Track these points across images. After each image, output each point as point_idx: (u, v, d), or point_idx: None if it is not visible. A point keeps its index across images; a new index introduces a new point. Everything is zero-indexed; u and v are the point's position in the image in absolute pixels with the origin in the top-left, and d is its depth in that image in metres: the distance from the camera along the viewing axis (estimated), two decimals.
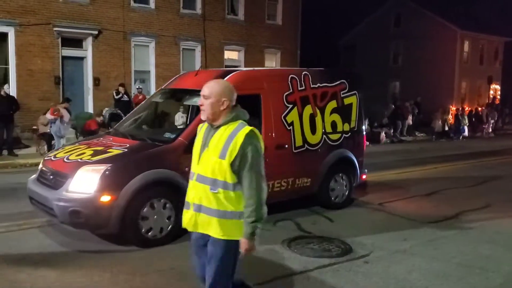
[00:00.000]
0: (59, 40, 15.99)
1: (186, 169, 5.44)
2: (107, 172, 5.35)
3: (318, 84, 7.27)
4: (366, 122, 20.40)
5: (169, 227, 5.65)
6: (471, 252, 5.63)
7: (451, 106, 26.94)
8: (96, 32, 16.74)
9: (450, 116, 23.58)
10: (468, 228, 6.65)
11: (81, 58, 16.96)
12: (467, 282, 4.71)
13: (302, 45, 23.82)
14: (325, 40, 36.16)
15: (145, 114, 7.68)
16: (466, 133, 22.53)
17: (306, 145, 7.05)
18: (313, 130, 7.14)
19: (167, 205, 5.64)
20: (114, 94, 16.09)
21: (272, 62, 22.70)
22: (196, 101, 6.51)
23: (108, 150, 5.80)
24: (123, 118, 14.77)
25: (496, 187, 9.90)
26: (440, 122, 22.08)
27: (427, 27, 31.80)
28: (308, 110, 7.08)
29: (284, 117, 6.81)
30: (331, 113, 7.40)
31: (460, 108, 25.60)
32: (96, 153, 5.75)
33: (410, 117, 22.15)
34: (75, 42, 16.69)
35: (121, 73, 17.49)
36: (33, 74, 15.48)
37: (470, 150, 16.89)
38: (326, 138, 7.32)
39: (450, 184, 9.93)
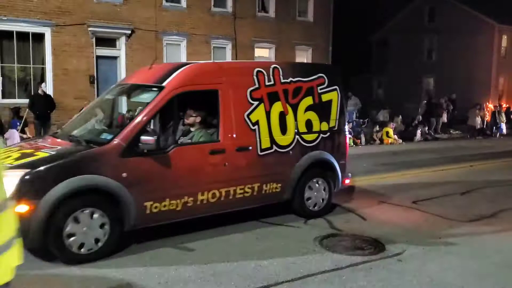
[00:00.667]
0: (94, 40, 16.34)
1: (124, 174, 5.04)
2: (25, 178, 4.64)
3: (291, 79, 6.54)
4: (400, 119, 20.13)
5: (106, 236, 4.99)
6: (509, 251, 5.46)
7: (487, 103, 26.18)
8: (129, 32, 17.03)
9: (486, 113, 22.94)
10: (506, 227, 6.45)
11: (115, 58, 17.29)
12: (505, 282, 4.57)
13: (334, 41, 23.59)
14: (357, 37, 35.68)
15: (93, 112, 7.03)
16: (504, 131, 21.86)
17: (274, 147, 6.31)
18: (283, 130, 6.40)
19: (95, 215, 4.93)
20: None
21: (303, 59, 22.54)
22: (143, 97, 5.89)
23: (35, 153, 5.14)
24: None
25: None
26: (477, 119, 21.49)
27: (462, 21, 30.93)
28: (277, 107, 6.35)
29: (248, 115, 6.08)
30: (305, 110, 6.66)
31: (498, 105, 24.84)
32: (22, 156, 5.10)
33: (444, 115, 21.64)
34: (109, 42, 17.03)
35: None
36: (69, 73, 15.87)
37: (508, 148, 16.36)
38: (299, 139, 6.57)
39: (486, 183, 9.66)
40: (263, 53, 21.26)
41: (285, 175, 6.46)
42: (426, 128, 20.38)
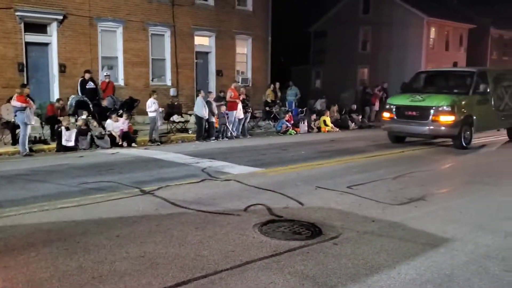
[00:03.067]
0: (22, 25, 15.50)
1: None
2: None
3: None
4: (336, 108, 20.70)
5: None
6: (437, 232, 5.78)
7: None
8: (61, 17, 16.29)
9: None
10: (433, 209, 6.82)
11: (46, 44, 16.50)
12: (433, 261, 4.84)
13: (274, 31, 23.77)
14: (297, 27, 36.17)
15: None
16: None
17: None
18: None
19: None
20: (79, 82, 15.70)
21: (243, 48, 22.62)
22: None
23: None
24: (90, 105, 14.76)
25: (461, 169, 10.16)
26: None
27: (395, 13, 32.24)
28: None
29: None
30: None
31: None
32: None
33: (377, 103, 22.46)
34: (39, 28, 16.22)
35: (88, 60, 17.12)
36: None
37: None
38: None
39: (417, 167, 10.16)
40: (203, 41, 21.07)
41: None
42: (360, 117, 21.09)
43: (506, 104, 14.91)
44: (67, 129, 12.53)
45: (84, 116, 13.64)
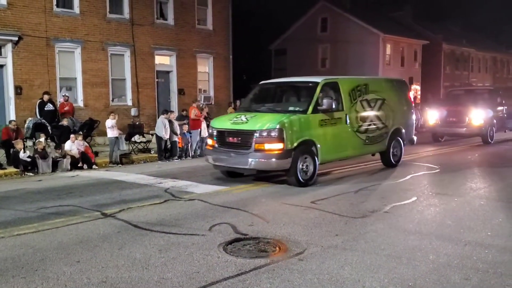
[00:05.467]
0: None
1: None
2: None
3: None
4: None
5: None
6: (400, 243, 5.89)
7: None
8: (16, 38, 15.91)
9: None
10: (395, 221, 6.95)
11: (1, 66, 16.03)
12: (396, 272, 4.92)
13: (235, 50, 23.95)
14: (258, 45, 36.61)
15: None
16: None
17: None
18: None
19: None
20: (37, 104, 15.33)
21: (205, 67, 22.66)
22: None
23: None
24: (49, 128, 14.38)
25: (422, 181, 10.43)
26: None
27: (352, 31, 33.18)
28: None
29: None
30: None
31: None
32: None
33: None
34: None
35: (46, 81, 16.74)
36: None
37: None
38: None
39: (378, 180, 10.35)
40: (164, 60, 21.00)
41: None
42: None
43: (372, 123, 11.60)
44: (24, 151, 12.23)
45: (42, 139, 13.27)
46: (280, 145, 9.42)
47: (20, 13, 16.04)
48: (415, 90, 35.95)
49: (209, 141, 10.82)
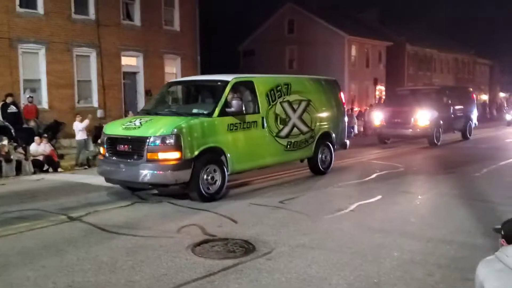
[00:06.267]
0: None
1: None
2: None
3: None
4: None
5: None
6: (365, 241, 6.02)
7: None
8: None
9: None
10: (362, 219, 7.10)
11: None
12: (362, 270, 5.04)
13: (202, 51, 23.88)
14: (226, 46, 36.57)
15: None
16: (356, 131, 23.96)
17: None
18: None
19: None
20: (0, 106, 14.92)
21: (172, 68, 22.50)
22: None
23: None
24: (12, 130, 14.03)
25: (387, 179, 10.65)
26: None
27: (318, 33, 33.59)
28: None
29: None
30: None
31: (350, 109, 27.07)
32: None
33: None
34: None
35: (8, 83, 16.27)
36: None
37: (359, 147, 17.74)
38: None
39: (346, 179, 10.53)
40: (131, 61, 20.74)
41: None
42: None
43: (295, 126, 10.40)
44: None
45: (5, 142, 12.92)
46: (176, 154, 8.00)
47: None
48: (379, 91, 36.69)
49: (101, 150, 9.24)
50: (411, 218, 7.24)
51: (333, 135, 11.73)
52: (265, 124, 9.61)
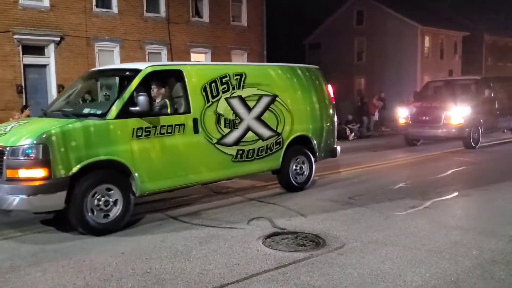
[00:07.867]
0: (20, 48, 15.63)
1: None
2: None
3: None
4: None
5: None
6: (441, 238, 5.79)
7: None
8: (58, 39, 16.43)
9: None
10: (436, 216, 6.84)
11: (44, 66, 16.62)
12: (438, 267, 4.85)
13: (268, 45, 23.98)
14: (291, 40, 36.47)
15: None
16: None
17: None
18: None
19: None
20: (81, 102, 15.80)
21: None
22: None
23: None
24: None
25: (462, 175, 10.19)
26: None
27: (389, 24, 32.55)
28: None
29: None
30: None
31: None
32: None
33: (377, 113, 22.60)
34: (37, 50, 16.36)
35: None
36: None
37: (428, 143, 16.54)
38: None
39: (418, 175, 10.18)
40: (200, 57, 21.22)
41: None
42: (358, 126, 21.17)
43: (250, 130, 7.90)
44: None
45: None
46: (41, 172, 5.74)
47: (61, 14, 16.55)
48: None
49: None
50: (492, 215, 6.87)
51: (314, 140, 9.03)
52: (200, 128, 7.15)
